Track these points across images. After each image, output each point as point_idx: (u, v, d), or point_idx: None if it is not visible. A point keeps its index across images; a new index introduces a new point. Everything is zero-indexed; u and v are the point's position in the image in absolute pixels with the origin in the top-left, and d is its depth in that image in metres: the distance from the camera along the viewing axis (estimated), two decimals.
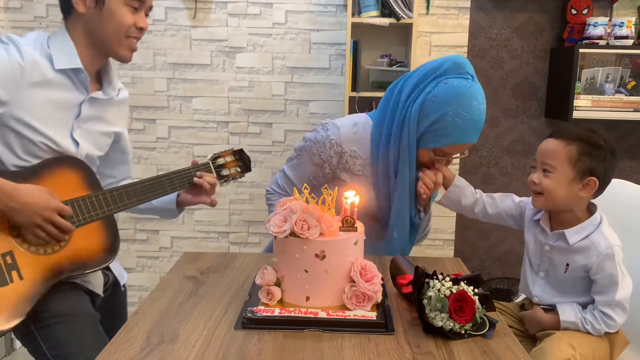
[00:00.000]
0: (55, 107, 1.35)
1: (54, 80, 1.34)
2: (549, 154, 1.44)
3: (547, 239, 1.49)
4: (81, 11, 1.35)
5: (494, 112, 2.71)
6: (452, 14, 2.59)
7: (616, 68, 2.47)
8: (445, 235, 2.78)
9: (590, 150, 1.41)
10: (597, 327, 1.39)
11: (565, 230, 1.44)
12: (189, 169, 1.54)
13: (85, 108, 1.41)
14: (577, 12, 2.52)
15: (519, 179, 2.77)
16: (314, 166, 1.61)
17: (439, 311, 1.09)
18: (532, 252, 1.54)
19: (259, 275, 1.23)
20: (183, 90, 2.65)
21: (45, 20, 2.59)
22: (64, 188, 1.35)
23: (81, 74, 1.38)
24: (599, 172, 1.41)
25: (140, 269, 2.81)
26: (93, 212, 1.37)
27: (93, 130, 1.46)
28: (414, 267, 1.20)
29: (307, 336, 1.10)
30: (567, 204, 1.45)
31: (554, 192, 1.43)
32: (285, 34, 2.62)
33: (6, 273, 1.25)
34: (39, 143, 1.32)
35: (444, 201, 1.66)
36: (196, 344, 1.07)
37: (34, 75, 1.30)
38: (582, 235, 1.43)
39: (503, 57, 2.66)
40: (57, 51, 1.35)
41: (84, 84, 1.40)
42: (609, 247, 1.39)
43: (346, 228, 1.19)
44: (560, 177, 1.42)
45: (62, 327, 1.34)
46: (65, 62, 1.35)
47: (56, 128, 1.35)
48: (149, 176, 1.47)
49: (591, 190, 1.42)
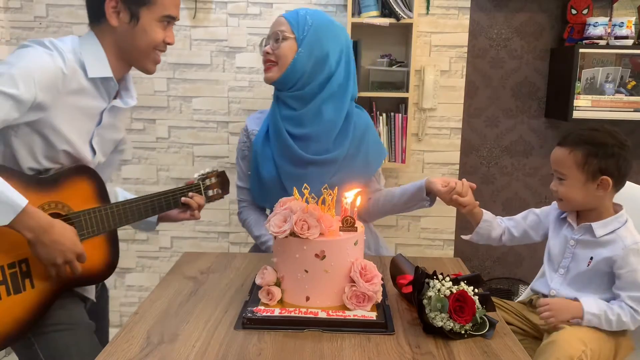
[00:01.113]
0: (83, 114, 1.37)
1: (85, 88, 1.35)
2: (558, 163, 1.49)
3: (573, 233, 1.52)
4: (114, 24, 1.36)
5: (494, 112, 2.71)
6: (452, 14, 2.59)
7: (616, 68, 2.47)
8: (445, 235, 2.77)
9: (595, 151, 1.43)
10: (623, 320, 1.38)
11: (592, 223, 1.47)
12: (184, 189, 1.60)
13: (106, 116, 1.43)
14: (577, 12, 2.52)
15: (519, 179, 2.77)
16: (243, 160, 1.83)
17: (439, 311, 1.09)
18: (556, 252, 1.55)
19: (259, 275, 1.23)
20: (183, 90, 2.65)
21: (46, 20, 2.59)
22: (79, 198, 1.36)
23: (110, 82, 1.39)
24: (610, 169, 1.43)
25: (140, 269, 2.81)
26: (101, 225, 1.39)
27: (106, 137, 1.47)
28: (414, 267, 1.20)
29: (307, 336, 1.10)
30: (589, 204, 1.48)
31: (571, 197, 1.47)
32: None
33: (20, 281, 1.25)
34: (60, 149, 1.33)
35: (474, 237, 1.68)
36: (196, 344, 1.07)
37: (73, 83, 1.31)
38: (609, 229, 1.45)
39: (503, 57, 2.66)
40: (90, 60, 1.35)
41: (109, 92, 1.41)
42: (636, 243, 1.41)
43: (346, 228, 1.19)
44: (573, 182, 1.46)
45: (62, 336, 1.33)
46: (98, 71, 1.35)
47: (79, 135, 1.37)
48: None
49: (607, 188, 1.44)
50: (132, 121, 2.65)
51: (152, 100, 2.65)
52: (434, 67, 2.60)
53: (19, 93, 1.20)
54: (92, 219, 1.37)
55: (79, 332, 1.36)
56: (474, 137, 2.73)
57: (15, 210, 1.15)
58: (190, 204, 1.59)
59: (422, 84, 2.60)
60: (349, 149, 1.69)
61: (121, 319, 2.82)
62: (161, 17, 1.37)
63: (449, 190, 1.60)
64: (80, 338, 1.36)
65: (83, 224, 1.35)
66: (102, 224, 1.39)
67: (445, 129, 2.67)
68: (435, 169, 2.70)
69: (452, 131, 2.67)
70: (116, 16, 1.35)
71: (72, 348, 1.33)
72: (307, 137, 1.66)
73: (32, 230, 1.19)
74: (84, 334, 1.38)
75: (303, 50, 1.60)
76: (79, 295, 1.44)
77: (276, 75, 1.63)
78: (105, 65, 1.37)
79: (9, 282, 1.22)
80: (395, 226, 2.75)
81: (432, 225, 2.75)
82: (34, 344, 1.33)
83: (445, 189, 1.62)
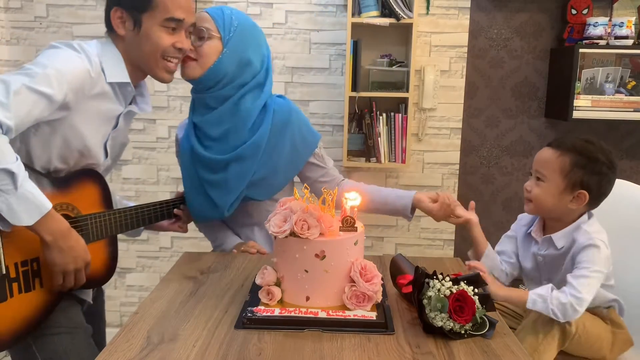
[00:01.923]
0: (101, 117, 1.38)
1: (107, 92, 1.36)
2: (542, 163, 1.45)
3: (538, 249, 1.50)
4: (121, 34, 1.37)
5: (493, 112, 2.71)
6: (452, 14, 2.59)
7: (616, 68, 2.47)
8: (445, 235, 2.78)
9: (584, 163, 1.40)
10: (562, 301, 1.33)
11: (552, 235, 1.45)
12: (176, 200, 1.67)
13: (121, 120, 1.44)
14: (577, 12, 2.52)
15: (519, 179, 2.77)
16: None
17: (439, 311, 1.09)
18: (531, 270, 1.54)
19: (259, 275, 1.23)
20: (183, 90, 2.65)
21: (46, 20, 2.59)
22: (86, 202, 1.38)
23: (128, 87, 1.40)
24: (591, 185, 1.40)
25: (140, 269, 2.81)
26: (105, 229, 1.41)
27: (117, 141, 1.49)
28: (414, 267, 1.20)
29: (307, 336, 1.10)
30: (555, 213, 1.46)
31: (542, 201, 1.44)
32: (285, 34, 2.62)
33: (31, 279, 1.26)
34: (75, 150, 1.34)
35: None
36: (196, 344, 1.07)
37: (97, 87, 1.33)
38: (569, 238, 1.44)
39: (503, 57, 2.66)
40: (109, 64, 1.36)
41: (125, 97, 1.43)
42: (589, 239, 1.39)
43: (346, 228, 1.19)
44: (550, 186, 1.43)
45: (61, 339, 1.34)
46: (117, 76, 1.37)
47: (96, 137, 1.38)
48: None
49: (581, 203, 1.41)
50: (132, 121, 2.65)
51: (152, 100, 2.64)
52: (434, 67, 2.60)
53: (54, 93, 1.22)
54: (98, 223, 1.39)
55: (77, 335, 1.36)
56: (474, 137, 2.73)
57: (41, 212, 1.16)
58: (181, 215, 1.66)
59: (422, 84, 2.60)
60: (270, 137, 1.61)
61: (121, 319, 2.82)
62: (163, 21, 1.36)
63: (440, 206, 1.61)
64: (78, 341, 1.36)
65: (90, 228, 1.36)
66: (106, 228, 1.41)
67: (445, 129, 2.67)
68: (435, 169, 2.70)
69: (452, 131, 2.67)
70: (122, 25, 1.36)
71: (70, 351, 1.33)
72: (226, 132, 1.61)
73: (52, 233, 1.20)
74: (82, 337, 1.38)
75: (228, 52, 1.55)
76: (76, 298, 1.44)
77: (197, 73, 1.57)
78: (123, 70, 1.38)
79: (21, 279, 1.23)
80: (395, 226, 2.75)
81: (432, 225, 2.75)
82: (32, 346, 1.33)
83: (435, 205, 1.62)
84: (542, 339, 1.34)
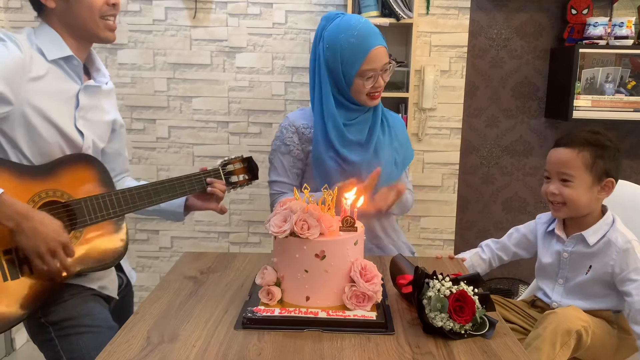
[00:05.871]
0: (55, 99, 1.36)
1: (49, 72, 1.35)
2: (563, 164, 1.45)
3: (564, 246, 1.50)
4: (52, 6, 1.36)
5: (494, 112, 2.71)
6: (452, 14, 2.59)
7: (616, 68, 2.47)
8: (445, 235, 2.78)
9: (602, 153, 1.43)
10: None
11: (583, 232, 1.46)
12: (200, 174, 1.56)
13: (82, 97, 1.42)
14: (577, 12, 2.52)
15: (519, 179, 2.77)
16: (285, 156, 1.77)
17: (439, 311, 1.09)
18: (549, 264, 1.54)
19: (259, 275, 1.23)
20: (183, 90, 2.65)
21: None
22: (79, 186, 1.36)
23: (73, 60, 1.39)
24: (613, 171, 1.44)
25: (140, 269, 2.81)
26: (105, 211, 1.38)
27: (93, 119, 1.46)
28: (414, 267, 1.20)
29: (307, 336, 1.10)
30: (589, 208, 1.47)
31: (577, 200, 1.44)
32: (285, 34, 2.62)
33: (18, 266, 1.25)
34: (47, 137, 1.33)
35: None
36: (196, 344, 1.07)
37: (33, 69, 1.31)
38: (600, 234, 1.45)
39: (503, 57, 2.66)
40: (46, 43, 1.36)
41: (76, 72, 1.41)
42: (628, 242, 1.41)
43: (346, 228, 1.19)
44: (580, 184, 1.43)
45: (85, 338, 1.34)
46: (56, 52, 1.36)
47: (61, 120, 1.36)
48: (149, 176, 1.48)
49: (610, 191, 1.44)
50: (132, 121, 2.66)
51: (152, 100, 2.65)
52: (434, 67, 2.60)
53: None
54: (95, 205, 1.36)
55: (101, 334, 1.34)
56: (474, 137, 2.73)
57: None
58: (213, 192, 1.55)
59: (422, 84, 2.60)
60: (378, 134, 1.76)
61: None
62: None
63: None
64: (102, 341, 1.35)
65: (84, 211, 1.34)
66: (106, 210, 1.37)
67: (445, 129, 2.67)
68: (435, 169, 2.70)
69: (452, 131, 2.67)
70: None
71: (93, 351, 1.32)
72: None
73: (11, 218, 1.18)
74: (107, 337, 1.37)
75: None
76: (102, 295, 1.44)
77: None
78: (62, 45, 1.37)
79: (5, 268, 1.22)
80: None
81: (432, 225, 2.75)
82: (57, 346, 1.33)
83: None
84: (559, 349, 1.33)
